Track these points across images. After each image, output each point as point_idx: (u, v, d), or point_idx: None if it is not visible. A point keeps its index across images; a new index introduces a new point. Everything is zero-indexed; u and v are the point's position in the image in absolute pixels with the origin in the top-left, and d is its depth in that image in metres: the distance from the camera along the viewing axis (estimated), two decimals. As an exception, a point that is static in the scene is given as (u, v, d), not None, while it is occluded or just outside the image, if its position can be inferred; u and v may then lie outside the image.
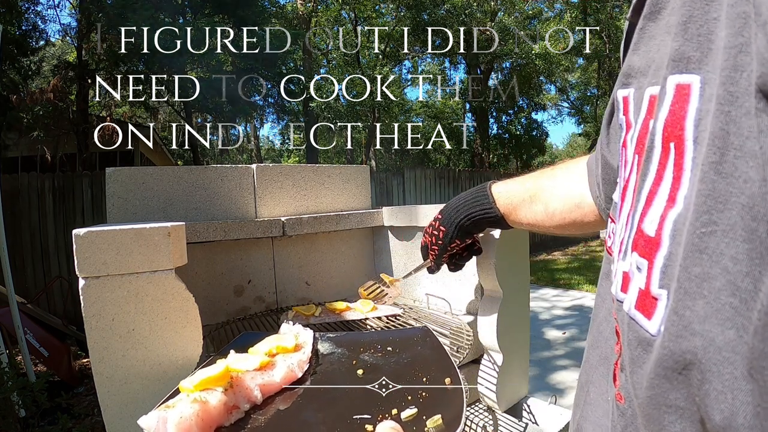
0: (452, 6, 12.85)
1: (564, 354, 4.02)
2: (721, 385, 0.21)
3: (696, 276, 0.22)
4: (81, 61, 7.70)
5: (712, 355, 0.21)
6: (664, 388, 0.24)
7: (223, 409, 0.48)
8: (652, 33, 0.30)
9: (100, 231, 0.67)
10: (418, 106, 20.56)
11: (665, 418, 0.25)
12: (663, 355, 0.24)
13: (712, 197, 0.21)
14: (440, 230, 0.82)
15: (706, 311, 0.21)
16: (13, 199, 4.67)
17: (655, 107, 0.27)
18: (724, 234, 0.21)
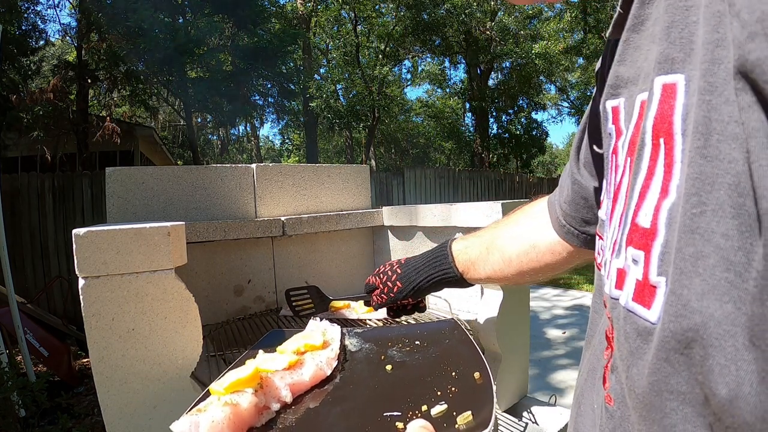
0: (452, 6, 12.84)
1: (564, 354, 4.02)
2: (724, 359, 0.21)
3: (690, 255, 0.23)
4: (81, 60, 7.70)
5: (712, 330, 0.22)
6: (666, 373, 0.25)
7: (254, 410, 0.48)
8: (638, 44, 0.32)
9: (100, 231, 0.67)
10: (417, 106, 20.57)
11: (667, 405, 0.25)
12: (664, 338, 0.24)
13: (700, 180, 0.22)
14: (396, 284, 0.80)
15: (703, 288, 0.22)
16: (13, 199, 4.67)
17: (645, 109, 0.28)
18: (714, 213, 0.22)
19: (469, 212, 1.17)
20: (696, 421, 0.24)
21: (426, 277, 0.78)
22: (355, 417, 0.49)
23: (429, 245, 1.37)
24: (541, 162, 31.08)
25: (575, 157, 0.55)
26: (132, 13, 6.87)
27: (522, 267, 0.70)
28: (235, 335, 1.15)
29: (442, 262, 0.78)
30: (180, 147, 14.33)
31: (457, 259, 0.77)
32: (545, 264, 0.68)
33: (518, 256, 0.70)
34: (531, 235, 0.69)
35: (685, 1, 0.26)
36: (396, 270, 0.81)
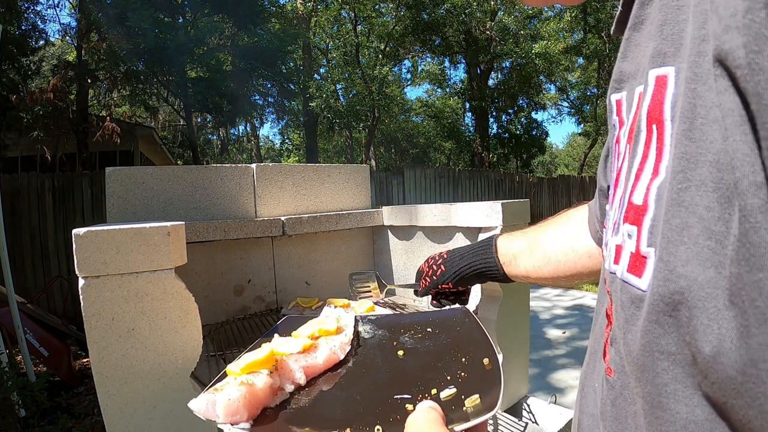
0: (452, 5, 12.83)
1: (564, 353, 4.02)
2: (707, 319, 0.23)
3: (676, 226, 0.25)
4: (81, 60, 7.69)
5: (696, 293, 0.24)
6: (657, 334, 0.27)
7: (269, 391, 0.51)
8: (638, 41, 0.34)
9: (100, 230, 0.67)
10: (417, 106, 20.56)
11: (658, 365, 0.27)
12: (654, 302, 0.27)
13: (685, 159, 0.25)
14: (441, 268, 0.82)
15: (687, 255, 0.25)
16: (13, 199, 4.67)
17: (641, 100, 0.31)
18: (697, 188, 0.24)
19: (469, 212, 1.17)
20: (686, 381, 0.26)
21: (468, 263, 0.80)
22: (367, 399, 0.51)
23: (429, 245, 1.37)
24: (541, 162, 31.08)
25: (603, 163, 0.58)
26: (132, 12, 6.87)
27: (559, 268, 0.72)
28: (235, 335, 1.15)
29: (486, 252, 0.79)
30: (180, 147, 14.33)
31: (501, 251, 0.78)
32: (582, 267, 0.70)
33: (557, 256, 0.72)
34: (571, 238, 0.71)
35: (677, 1, 0.28)
36: (443, 256, 0.84)
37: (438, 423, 0.39)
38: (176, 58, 7.57)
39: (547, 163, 34.66)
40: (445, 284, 0.82)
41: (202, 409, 0.48)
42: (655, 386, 0.28)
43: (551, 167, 36.10)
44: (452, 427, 0.41)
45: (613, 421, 0.35)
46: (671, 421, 0.27)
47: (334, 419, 0.47)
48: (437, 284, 0.83)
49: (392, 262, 1.53)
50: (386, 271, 1.56)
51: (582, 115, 18.34)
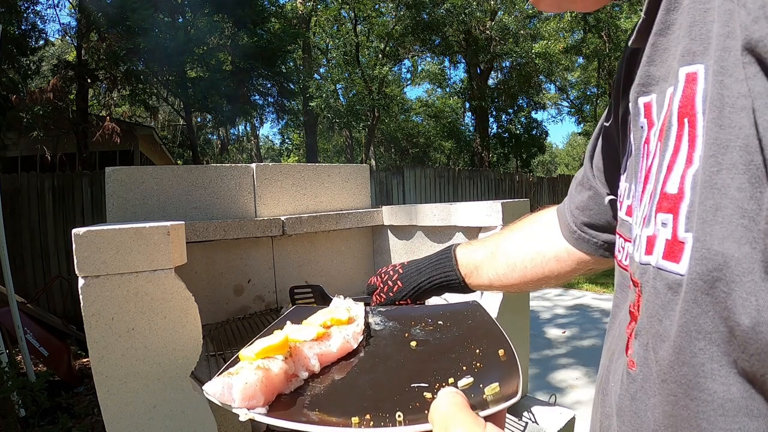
0: (452, 5, 12.83)
1: (564, 353, 4.02)
2: (745, 293, 0.25)
3: (710, 207, 0.27)
4: (80, 60, 7.69)
5: (733, 269, 0.25)
6: (694, 314, 0.28)
7: (284, 377, 0.50)
8: (665, 46, 0.36)
9: (100, 230, 0.67)
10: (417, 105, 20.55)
11: (696, 345, 0.28)
12: (692, 281, 0.28)
13: (715, 144, 0.27)
14: (396, 284, 0.79)
15: (722, 234, 0.26)
16: (12, 199, 4.67)
17: (672, 98, 0.33)
18: (729, 170, 0.26)
19: (468, 212, 1.17)
20: (721, 360, 0.27)
21: (427, 278, 0.77)
22: (383, 387, 0.50)
23: (429, 245, 1.37)
24: (541, 161, 31.09)
25: (589, 165, 0.59)
26: (132, 12, 6.86)
27: (526, 273, 0.70)
28: (234, 335, 1.15)
29: (445, 265, 0.77)
30: (180, 146, 14.32)
31: (461, 262, 0.76)
32: (549, 271, 0.68)
33: (522, 261, 0.70)
34: (537, 242, 0.70)
35: (704, 4, 0.30)
36: (398, 270, 0.81)
37: (465, 406, 0.39)
38: (176, 58, 7.57)
39: (547, 162, 34.67)
40: (402, 300, 0.78)
41: (217, 393, 0.47)
42: (692, 367, 0.29)
43: (551, 167, 36.10)
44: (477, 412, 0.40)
45: (632, 415, 0.35)
46: (708, 401, 0.28)
47: (351, 406, 0.47)
48: (394, 300, 0.79)
49: (392, 261, 1.53)
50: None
51: (582, 114, 18.34)
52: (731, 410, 0.27)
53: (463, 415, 0.37)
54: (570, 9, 0.48)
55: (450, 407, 0.39)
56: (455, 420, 0.37)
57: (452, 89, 18.74)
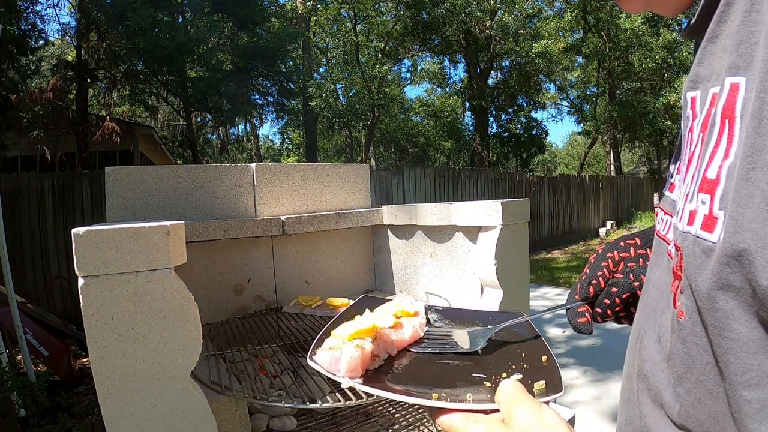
0: (452, 5, 12.82)
1: (564, 352, 4.02)
2: (765, 261, 0.32)
3: (744, 195, 0.35)
4: (80, 60, 7.69)
5: (758, 242, 0.33)
6: (725, 273, 0.36)
7: (371, 356, 0.59)
8: (713, 51, 0.43)
9: (100, 230, 0.67)
10: (417, 105, 20.55)
11: (726, 295, 0.36)
12: (724, 248, 0.36)
13: (753, 147, 0.34)
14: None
15: (752, 215, 0.34)
16: (12, 199, 4.67)
17: (716, 100, 0.40)
18: (761, 168, 0.33)
19: (468, 211, 1.17)
20: (746, 309, 0.35)
21: None
22: (448, 374, 0.57)
23: (429, 244, 1.37)
24: (541, 161, 31.07)
25: None
26: (131, 12, 6.86)
27: None
28: (234, 334, 1.15)
29: None
30: (179, 146, 14.30)
31: None
32: None
33: None
34: None
35: (751, 26, 0.38)
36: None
37: (526, 392, 0.47)
38: (176, 58, 7.56)
39: (547, 162, 34.65)
40: None
41: (325, 363, 0.57)
42: (723, 311, 0.37)
43: (551, 166, 36.09)
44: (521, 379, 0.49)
45: (686, 355, 0.43)
46: (735, 339, 0.36)
47: (425, 386, 0.54)
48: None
49: (392, 261, 1.53)
50: (386, 271, 1.56)
51: (582, 114, 18.33)
52: (752, 348, 0.35)
53: (526, 398, 0.47)
54: (653, 11, 0.54)
55: (514, 391, 0.47)
56: (519, 401, 0.46)
57: (452, 89, 18.74)
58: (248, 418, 0.93)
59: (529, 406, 0.46)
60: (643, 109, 15.41)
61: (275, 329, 1.18)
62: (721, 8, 0.42)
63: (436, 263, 1.35)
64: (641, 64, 15.17)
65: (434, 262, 1.36)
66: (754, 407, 0.35)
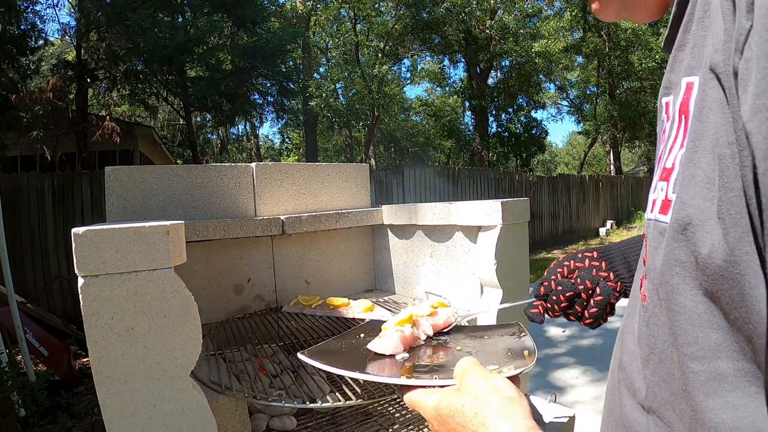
0: (452, 4, 12.81)
1: (564, 352, 4.02)
2: (705, 232, 0.35)
3: (688, 175, 0.38)
4: (80, 60, 7.69)
5: (699, 216, 0.36)
6: (672, 248, 0.39)
7: (411, 337, 0.76)
8: (681, 59, 0.46)
9: (99, 229, 0.67)
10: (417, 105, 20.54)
11: (673, 269, 0.39)
12: (672, 223, 0.39)
13: (695, 133, 0.38)
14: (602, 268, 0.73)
15: (694, 193, 0.37)
16: (12, 199, 4.66)
17: (677, 98, 0.44)
18: (702, 152, 0.36)
19: (469, 211, 1.17)
20: (691, 283, 0.38)
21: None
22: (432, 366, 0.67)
23: (429, 244, 1.37)
24: (540, 161, 31.06)
25: None
26: (131, 12, 6.86)
27: None
28: (234, 334, 1.15)
29: None
30: (179, 146, 14.30)
31: None
32: None
33: None
34: None
35: (703, 31, 0.41)
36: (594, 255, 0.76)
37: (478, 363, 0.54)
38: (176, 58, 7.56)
39: (547, 161, 34.64)
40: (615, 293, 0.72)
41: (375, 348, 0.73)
42: (671, 285, 0.40)
43: (551, 166, 36.08)
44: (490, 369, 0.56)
45: (648, 337, 0.45)
46: (681, 312, 0.39)
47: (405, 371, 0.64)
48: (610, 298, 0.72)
49: (392, 260, 1.53)
50: (386, 271, 1.56)
51: (582, 113, 18.33)
52: (697, 321, 0.37)
53: (478, 368, 0.53)
54: (627, 19, 0.58)
55: (467, 363, 0.54)
56: (471, 370, 0.52)
57: (452, 88, 18.72)
58: (248, 418, 0.93)
59: (480, 373, 0.51)
60: (643, 109, 15.41)
61: (275, 329, 1.18)
62: (686, 18, 0.45)
63: (436, 263, 1.35)
64: (641, 64, 15.16)
65: (434, 262, 1.36)
66: (700, 379, 0.37)
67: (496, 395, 0.47)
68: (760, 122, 0.30)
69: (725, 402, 0.35)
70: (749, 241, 0.32)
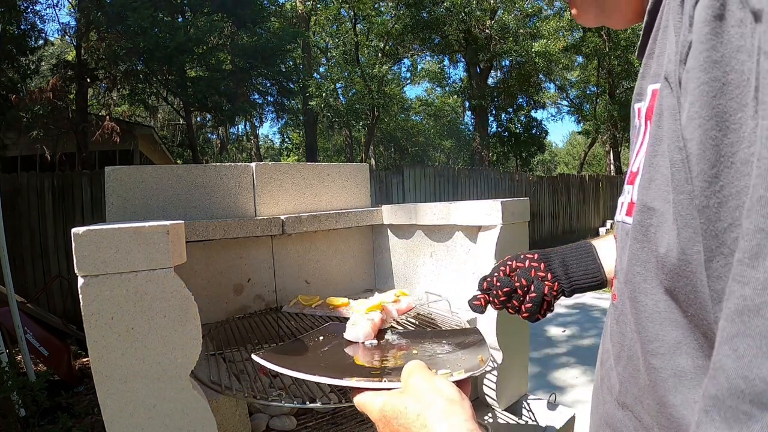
0: (452, 4, 12.81)
1: (565, 352, 4.02)
2: (663, 232, 0.37)
3: (648, 179, 0.39)
4: (80, 60, 7.68)
5: (658, 218, 0.37)
6: (635, 249, 0.41)
7: (381, 322, 0.87)
8: (650, 65, 0.47)
9: (99, 229, 0.67)
10: (417, 105, 20.54)
11: (635, 269, 0.41)
12: (635, 224, 0.41)
13: (654, 137, 0.39)
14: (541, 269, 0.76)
15: (654, 195, 0.38)
16: (12, 199, 4.66)
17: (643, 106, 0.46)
18: (661, 156, 0.38)
19: (468, 210, 1.16)
20: (652, 281, 0.39)
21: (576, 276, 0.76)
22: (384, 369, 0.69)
23: (429, 243, 1.37)
24: (540, 160, 31.06)
25: None
26: (131, 12, 6.86)
27: None
28: (234, 334, 1.15)
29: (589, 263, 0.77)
30: (179, 146, 14.29)
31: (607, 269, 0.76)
32: None
33: None
34: None
35: (664, 40, 0.41)
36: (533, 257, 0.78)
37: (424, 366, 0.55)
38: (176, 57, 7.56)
39: (546, 161, 34.64)
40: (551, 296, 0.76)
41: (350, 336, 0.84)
42: (633, 284, 0.41)
43: (551, 166, 36.07)
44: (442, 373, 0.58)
45: (618, 335, 0.47)
46: (643, 311, 0.40)
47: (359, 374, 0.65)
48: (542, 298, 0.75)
49: (392, 260, 1.53)
50: (386, 270, 1.56)
51: (581, 113, 18.32)
52: (658, 320, 0.38)
53: (422, 370, 0.54)
54: (605, 24, 0.59)
55: (412, 366, 0.55)
56: (415, 372, 0.53)
57: (452, 88, 18.73)
58: (248, 418, 0.93)
59: (424, 375, 0.53)
60: (643, 109, 15.38)
61: (275, 329, 1.18)
62: (656, 27, 0.46)
63: (436, 263, 1.35)
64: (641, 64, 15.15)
65: (434, 262, 1.36)
66: (661, 375, 0.38)
67: (437, 396, 0.48)
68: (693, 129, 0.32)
69: (685, 398, 0.36)
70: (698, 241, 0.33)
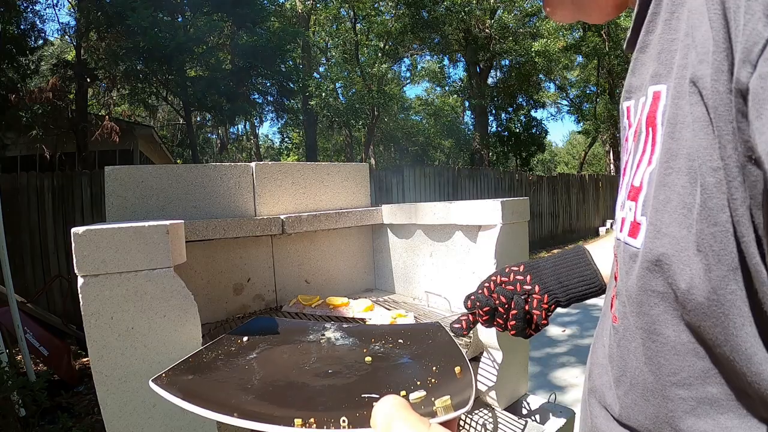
0: (451, 3, 12.80)
1: (564, 351, 4.02)
2: (682, 264, 0.33)
3: (661, 200, 0.35)
4: (80, 59, 7.68)
5: (675, 246, 0.33)
6: (648, 279, 0.37)
7: None
8: (643, 61, 0.44)
9: (99, 229, 0.67)
10: (417, 104, 20.52)
11: (651, 301, 0.37)
12: (644, 254, 0.37)
13: (669, 152, 0.35)
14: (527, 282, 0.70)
15: (669, 220, 0.34)
16: (12, 199, 4.66)
17: (643, 107, 0.41)
18: (677, 173, 0.34)
19: (468, 210, 1.16)
20: (672, 313, 0.36)
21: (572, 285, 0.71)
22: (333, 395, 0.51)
23: (429, 243, 1.37)
24: (540, 160, 31.04)
25: None
26: (131, 11, 6.85)
27: None
28: (234, 334, 1.15)
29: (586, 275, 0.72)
30: (179, 146, 14.29)
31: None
32: None
33: None
34: None
35: (670, 34, 0.38)
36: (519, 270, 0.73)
37: (407, 406, 0.36)
38: (175, 57, 7.55)
39: (546, 161, 34.62)
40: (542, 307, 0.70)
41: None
42: (650, 317, 0.38)
43: (551, 165, 36.07)
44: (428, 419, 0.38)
45: (620, 359, 0.44)
46: (664, 343, 0.37)
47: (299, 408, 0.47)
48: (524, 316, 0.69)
49: (392, 260, 1.53)
50: (386, 270, 1.56)
51: (581, 113, 18.31)
52: (682, 351, 0.36)
53: (406, 413, 0.35)
54: (582, 20, 0.56)
55: (392, 408, 0.36)
56: (397, 418, 0.35)
57: (452, 88, 18.72)
58: (248, 418, 0.93)
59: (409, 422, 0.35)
60: (642, 108, 15.38)
61: (275, 328, 1.18)
62: (648, 18, 0.42)
63: (436, 262, 1.35)
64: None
65: (434, 261, 1.36)
66: (689, 405, 0.36)
67: None
68: None
69: (717, 423, 0.34)
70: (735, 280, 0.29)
